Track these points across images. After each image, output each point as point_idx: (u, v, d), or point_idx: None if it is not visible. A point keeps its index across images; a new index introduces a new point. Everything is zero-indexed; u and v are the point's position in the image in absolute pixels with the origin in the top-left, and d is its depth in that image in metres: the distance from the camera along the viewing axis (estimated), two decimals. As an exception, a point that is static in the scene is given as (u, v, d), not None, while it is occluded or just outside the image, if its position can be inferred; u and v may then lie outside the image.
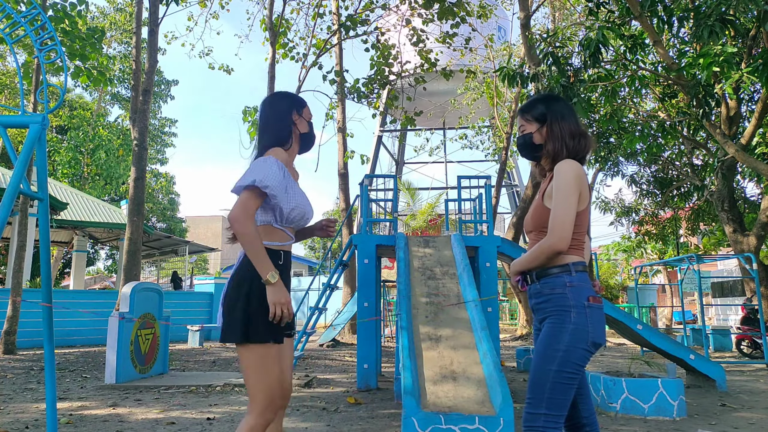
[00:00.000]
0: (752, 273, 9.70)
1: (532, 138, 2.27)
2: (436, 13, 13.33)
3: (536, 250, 2.09)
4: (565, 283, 2.05)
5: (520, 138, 2.33)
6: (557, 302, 2.04)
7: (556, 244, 2.02)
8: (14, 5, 9.02)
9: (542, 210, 2.15)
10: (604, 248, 27.55)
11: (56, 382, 3.17)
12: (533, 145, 2.28)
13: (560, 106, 2.26)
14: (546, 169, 2.29)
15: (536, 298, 2.14)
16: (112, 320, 6.69)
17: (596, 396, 5.21)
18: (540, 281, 2.11)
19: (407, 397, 3.63)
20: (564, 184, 2.06)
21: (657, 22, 6.82)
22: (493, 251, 6.87)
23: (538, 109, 2.27)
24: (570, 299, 2.03)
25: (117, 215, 18.17)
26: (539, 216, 2.16)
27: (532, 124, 2.28)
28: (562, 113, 2.23)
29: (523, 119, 2.32)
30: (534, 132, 2.26)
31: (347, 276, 14.01)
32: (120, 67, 26.91)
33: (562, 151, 2.17)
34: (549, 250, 2.04)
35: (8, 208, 2.65)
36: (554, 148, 2.19)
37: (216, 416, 4.79)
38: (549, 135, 2.22)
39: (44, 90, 3.11)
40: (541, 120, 2.25)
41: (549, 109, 2.25)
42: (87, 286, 25.57)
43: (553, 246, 2.02)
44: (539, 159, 2.31)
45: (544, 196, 2.17)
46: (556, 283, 2.06)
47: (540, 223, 2.15)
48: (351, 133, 22.77)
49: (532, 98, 2.39)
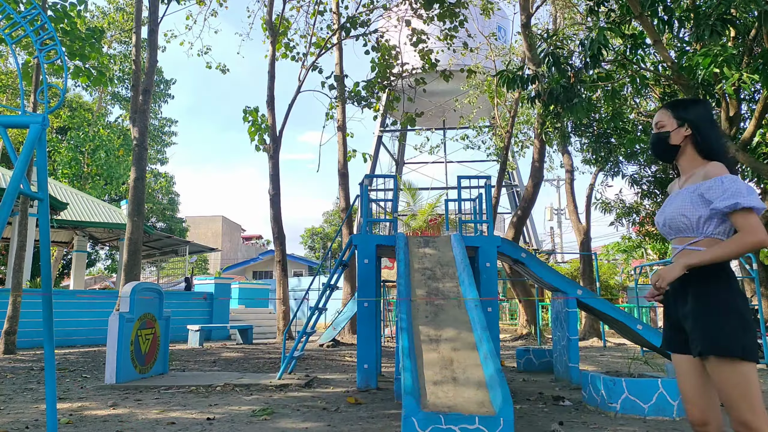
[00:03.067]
0: (752, 273, 9.70)
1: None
2: (436, 15, 13.34)
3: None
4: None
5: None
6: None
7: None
8: (14, 5, 9.01)
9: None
10: (604, 248, 27.53)
11: (56, 382, 3.17)
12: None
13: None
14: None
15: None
16: (113, 320, 6.69)
17: (596, 396, 5.21)
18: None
19: (407, 397, 3.63)
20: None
21: (657, 22, 6.82)
22: (493, 251, 6.86)
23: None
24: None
25: (117, 215, 18.18)
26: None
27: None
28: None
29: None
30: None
31: (347, 276, 14.01)
32: (120, 66, 26.91)
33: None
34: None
35: (8, 208, 2.65)
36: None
37: (216, 416, 4.79)
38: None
39: (44, 90, 3.10)
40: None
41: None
42: (87, 286, 25.57)
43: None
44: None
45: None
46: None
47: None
48: (351, 132, 22.75)
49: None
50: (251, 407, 5.19)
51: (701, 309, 2.09)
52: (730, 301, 2.07)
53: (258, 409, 5.09)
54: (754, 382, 2.00)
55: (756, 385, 2.00)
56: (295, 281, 25.90)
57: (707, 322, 2.06)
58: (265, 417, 4.76)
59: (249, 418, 4.75)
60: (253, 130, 14.04)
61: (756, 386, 2.00)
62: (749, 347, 2.00)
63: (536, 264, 7.63)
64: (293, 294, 21.49)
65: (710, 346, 2.03)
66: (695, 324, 2.10)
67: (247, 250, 49.91)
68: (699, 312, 2.10)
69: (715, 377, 2.05)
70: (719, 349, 2.01)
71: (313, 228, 47.79)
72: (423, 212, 15.57)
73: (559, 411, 5.14)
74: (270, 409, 5.09)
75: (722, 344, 2.01)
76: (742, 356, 1.99)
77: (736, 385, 1.99)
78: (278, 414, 4.91)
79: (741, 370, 1.99)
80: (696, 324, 2.10)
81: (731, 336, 2.01)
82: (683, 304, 2.17)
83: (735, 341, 2.00)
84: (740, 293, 2.10)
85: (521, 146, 20.62)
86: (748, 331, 2.04)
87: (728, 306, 2.06)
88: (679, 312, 2.20)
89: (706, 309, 2.08)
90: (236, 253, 47.46)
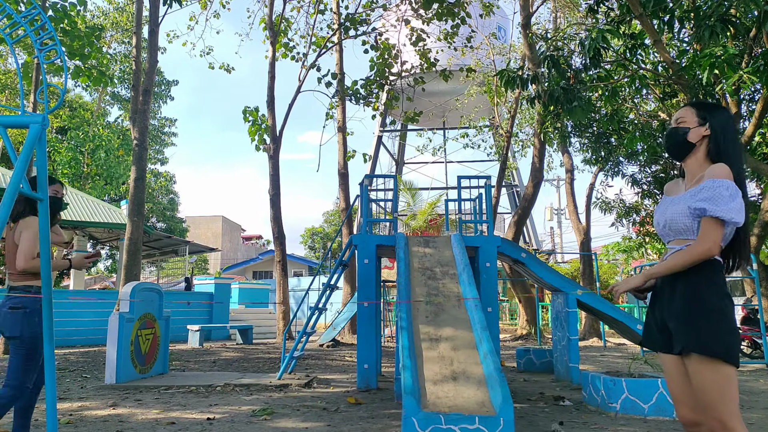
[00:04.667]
0: (752, 273, 9.70)
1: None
2: (435, 14, 13.33)
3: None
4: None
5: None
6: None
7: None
8: (14, 5, 9.01)
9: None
10: (604, 248, 27.53)
11: (56, 382, 3.17)
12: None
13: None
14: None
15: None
16: (113, 320, 6.69)
17: (596, 396, 5.21)
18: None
19: (407, 397, 3.63)
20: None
21: (657, 22, 6.81)
22: (493, 251, 6.86)
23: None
24: None
25: (117, 215, 18.17)
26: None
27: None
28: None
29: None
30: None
31: (347, 276, 14.00)
32: (120, 67, 26.91)
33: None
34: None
35: (8, 208, 2.65)
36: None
37: (216, 416, 4.79)
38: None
39: (44, 90, 3.10)
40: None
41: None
42: (87, 286, 25.57)
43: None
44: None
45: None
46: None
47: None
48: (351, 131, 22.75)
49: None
50: (251, 407, 5.19)
51: (687, 308, 2.10)
52: (716, 303, 2.07)
53: (258, 409, 5.09)
54: (734, 384, 2.02)
55: (735, 387, 2.02)
56: (295, 281, 25.89)
57: (692, 322, 2.07)
58: (265, 417, 4.76)
59: (249, 418, 4.75)
60: (253, 130, 14.04)
61: (735, 389, 2.02)
62: (732, 350, 2.02)
63: (536, 264, 7.63)
64: (293, 294, 21.49)
65: (694, 344, 2.04)
66: (678, 323, 2.12)
67: (247, 250, 49.90)
68: (685, 312, 2.10)
69: (695, 376, 2.06)
70: (702, 348, 2.02)
71: (313, 228, 47.79)
72: (423, 212, 15.58)
73: (559, 411, 5.14)
74: (270, 409, 5.09)
75: (705, 343, 2.02)
76: (724, 358, 2.00)
77: (718, 386, 2.00)
78: (278, 414, 4.91)
79: (723, 371, 2.00)
80: (680, 323, 2.11)
81: (715, 336, 2.02)
82: (669, 303, 2.18)
83: (718, 342, 2.02)
84: (727, 295, 2.11)
85: (521, 146, 20.62)
86: (733, 334, 2.04)
87: (714, 307, 2.06)
88: (664, 312, 2.21)
89: (691, 309, 2.09)
90: (236, 253, 47.45)
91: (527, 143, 19.99)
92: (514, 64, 16.82)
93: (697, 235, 2.10)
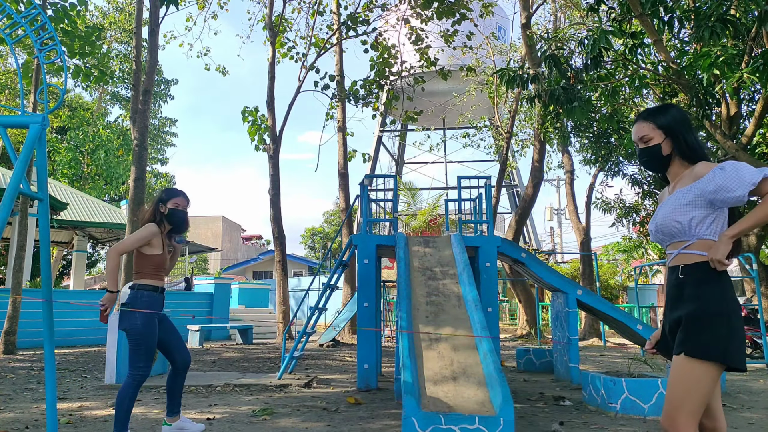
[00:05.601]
0: (752, 273, 9.70)
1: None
2: (434, 12, 13.32)
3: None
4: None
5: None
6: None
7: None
8: (14, 5, 9.01)
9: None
10: (604, 248, 27.54)
11: (56, 382, 3.17)
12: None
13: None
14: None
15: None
16: (113, 320, 6.68)
17: (596, 396, 5.21)
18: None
19: (407, 397, 3.63)
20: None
21: (657, 22, 6.81)
22: (493, 251, 6.86)
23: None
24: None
25: (117, 215, 18.18)
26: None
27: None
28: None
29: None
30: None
31: (347, 276, 14.00)
32: (120, 66, 26.90)
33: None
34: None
35: (8, 208, 2.65)
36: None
37: (216, 416, 4.79)
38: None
39: (44, 90, 3.10)
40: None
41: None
42: (87, 286, 25.58)
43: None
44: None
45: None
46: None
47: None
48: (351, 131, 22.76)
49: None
50: (251, 407, 5.19)
51: (692, 313, 2.10)
52: (720, 307, 2.07)
53: (258, 409, 5.09)
54: (704, 387, 2.01)
55: (704, 391, 2.01)
56: (295, 281, 25.88)
57: (694, 326, 2.08)
58: (265, 417, 4.76)
59: (249, 418, 4.75)
60: (252, 130, 14.04)
61: (703, 392, 2.01)
62: (731, 352, 2.01)
63: (536, 264, 7.63)
64: (293, 294, 21.49)
65: (690, 348, 2.05)
66: (683, 326, 2.12)
67: (247, 250, 49.91)
68: (689, 316, 2.10)
69: (673, 369, 2.07)
70: (696, 352, 2.03)
71: (313, 228, 47.81)
72: (423, 212, 15.59)
73: (559, 411, 5.14)
74: (270, 409, 5.09)
75: (702, 348, 2.02)
76: (722, 361, 2.00)
77: (690, 382, 2.01)
78: (278, 414, 4.91)
79: (697, 371, 2.01)
80: (683, 326, 2.11)
81: (713, 342, 2.02)
82: (679, 308, 2.18)
83: (715, 347, 2.02)
84: (733, 299, 2.10)
85: (521, 146, 20.63)
86: (733, 338, 2.04)
87: (717, 311, 2.06)
88: (674, 317, 2.21)
89: (695, 313, 2.09)
90: (236, 253, 47.46)
91: (527, 143, 20.01)
92: (514, 64, 16.83)
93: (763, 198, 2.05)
